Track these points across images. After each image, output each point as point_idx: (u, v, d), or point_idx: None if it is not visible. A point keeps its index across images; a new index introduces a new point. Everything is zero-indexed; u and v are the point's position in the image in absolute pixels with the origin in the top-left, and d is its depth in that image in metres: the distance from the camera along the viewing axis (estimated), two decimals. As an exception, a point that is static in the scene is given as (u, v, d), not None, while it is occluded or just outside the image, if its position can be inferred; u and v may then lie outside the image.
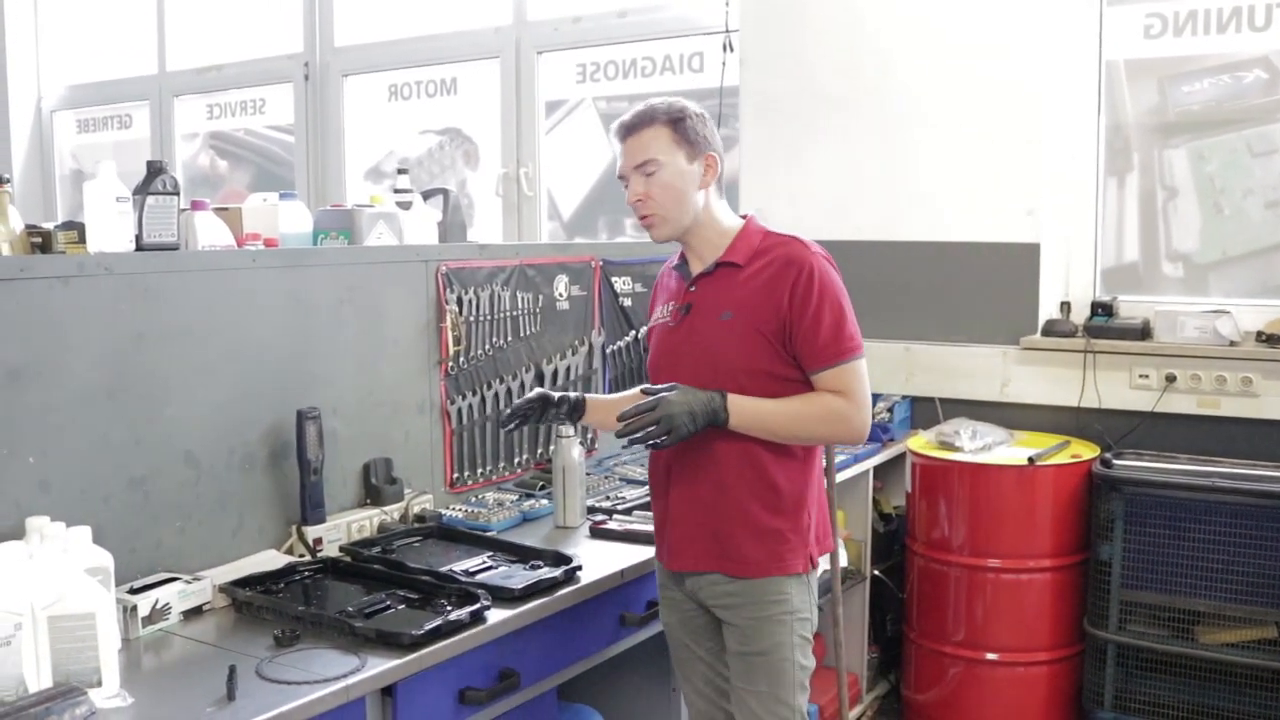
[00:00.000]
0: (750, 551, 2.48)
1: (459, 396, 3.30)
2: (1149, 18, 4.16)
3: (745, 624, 2.51)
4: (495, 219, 5.65)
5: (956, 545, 3.90)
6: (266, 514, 2.80)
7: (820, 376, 2.44)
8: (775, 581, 2.49)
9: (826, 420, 2.45)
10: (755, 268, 2.49)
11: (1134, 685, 3.74)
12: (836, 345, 2.43)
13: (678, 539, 2.57)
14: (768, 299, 2.44)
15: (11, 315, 2.29)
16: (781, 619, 2.49)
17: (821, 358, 2.43)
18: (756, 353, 2.44)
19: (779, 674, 2.50)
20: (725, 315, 2.47)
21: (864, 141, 4.47)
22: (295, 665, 2.16)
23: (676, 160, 2.48)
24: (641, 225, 2.57)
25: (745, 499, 2.48)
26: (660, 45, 5.28)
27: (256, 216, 3.11)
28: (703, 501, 2.51)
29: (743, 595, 2.50)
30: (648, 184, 2.49)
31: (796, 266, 2.44)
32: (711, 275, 2.53)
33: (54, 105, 7.46)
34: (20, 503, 2.28)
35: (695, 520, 2.53)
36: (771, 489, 2.48)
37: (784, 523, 2.50)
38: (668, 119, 2.49)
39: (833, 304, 2.44)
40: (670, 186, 2.48)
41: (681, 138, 2.49)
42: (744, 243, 2.53)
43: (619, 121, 2.54)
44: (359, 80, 6.23)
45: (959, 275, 4.35)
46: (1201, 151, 4.15)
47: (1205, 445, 3.90)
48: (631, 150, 2.50)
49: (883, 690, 4.43)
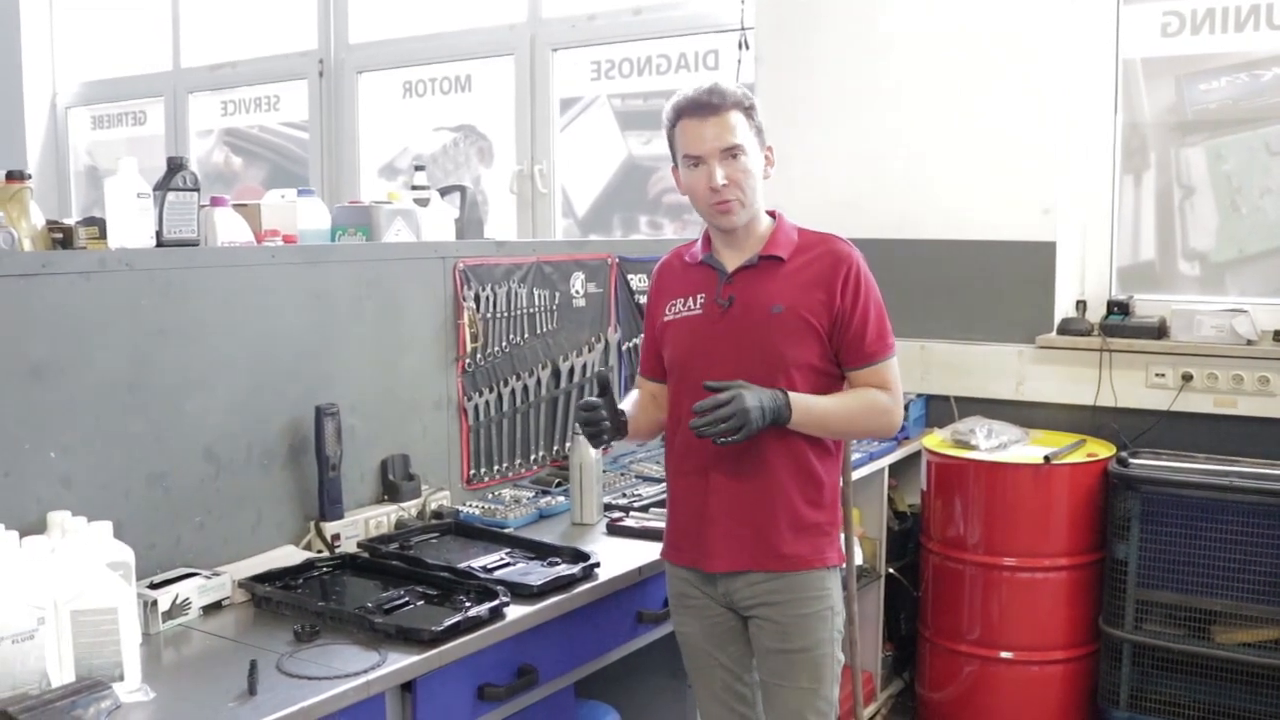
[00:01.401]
0: (793, 546, 2.48)
1: (476, 393, 3.31)
2: (1166, 16, 4.15)
3: (788, 620, 2.49)
4: (509, 216, 5.65)
5: (972, 544, 3.90)
6: (285, 510, 2.81)
7: (862, 373, 2.47)
8: (817, 576, 2.51)
9: (874, 414, 2.49)
10: (800, 262, 2.48)
11: (1150, 685, 3.73)
12: (881, 342, 2.48)
13: (717, 539, 2.51)
14: (819, 293, 2.44)
15: (33, 311, 2.30)
16: (823, 615, 2.51)
17: (866, 354, 2.47)
18: (806, 346, 2.44)
19: (820, 669, 2.51)
20: (777, 309, 2.45)
21: (880, 139, 4.46)
22: (315, 660, 2.17)
23: (754, 148, 2.46)
24: (715, 210, 2.46)
25: (791, 494, 2.48)
26: (675, 43, 5.28)
27: (275, 213, 3.11)
28: (747, 499, 2.49)
29: (785, 592, 2.49)
30: (733, 168, 2.42)
31: (845, 263, 2.46)
32: (755, 268, 2.50)
33: (69, 101, 7.47)
34: (42, 497, 2.30)
35: (738, 518, 2.50)
36: (814, 483, 2.50)
37: (823, 515, 2.52)
38: (743, 105, 2.45)
39: (876, 301, 2.49)
40: (752, 173, 2.45)
41: (755, 126, 2.47)
42: (784, 237, 2.52)
43: (691, 100, 2.44)
44: (373, 77, 6.23)
45: (975, 273, 4.34)
46: (1219, 150, 4.14)
47: (1222, 444, 3.88)
48: (717, 132, 2.41)
49: (897, 689, 4.43)
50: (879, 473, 4.09)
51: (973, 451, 3.91)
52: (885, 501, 4.19)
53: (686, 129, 2.45)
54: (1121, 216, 4.29)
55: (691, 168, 2.46)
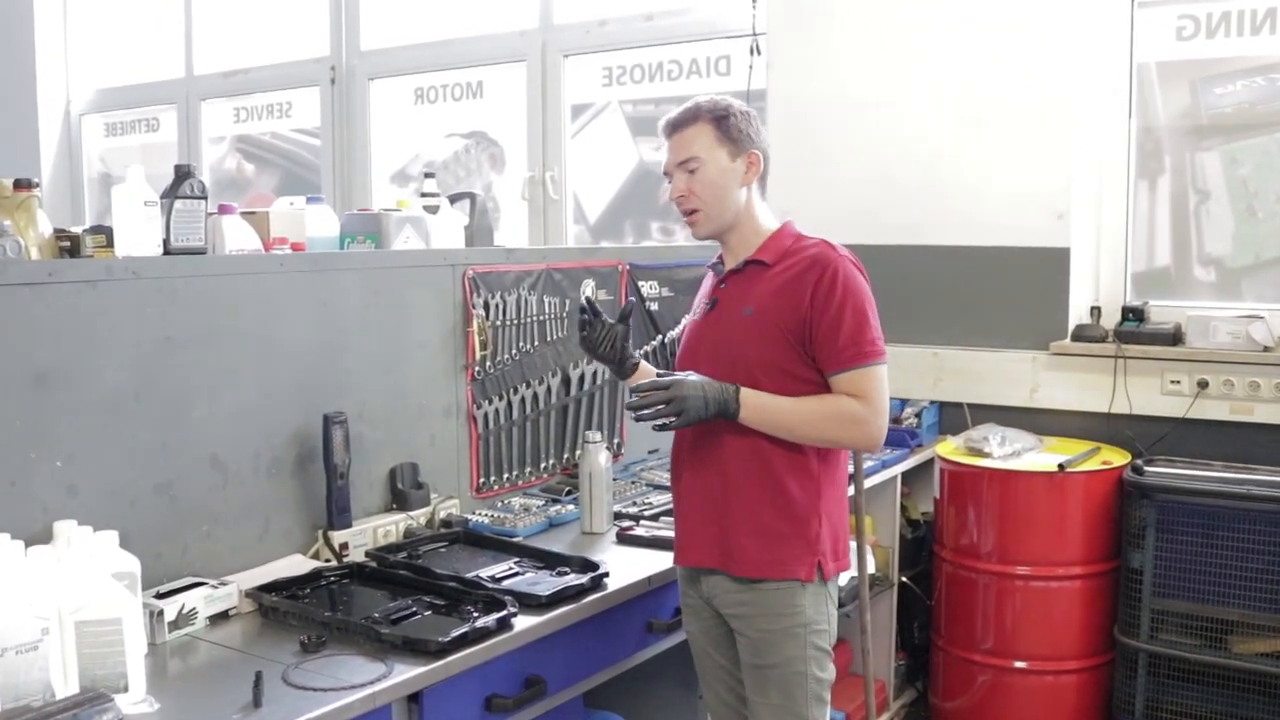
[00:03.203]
0: (750, 550, 2.46)
1: (485, 401, 3.29)
2: (1181, 19, 4.12)
3: (757, 636, 2.49)
4: (521, 223, 5.64)
5: (985, 552, 3.87)
6: (293, 519, 2.80)
7: (838, 379, 2.42)
8: (785, 591, 2.46)
9: (840, 422, 2.42)
10: (782, 267, 2.49)
11: (1165, 695, 3.69)
12: (856, 348, 2.41)
13: (685, 532, 2.60)
14: (789, 297, 2.44)
15: (40, 319, 2.29)
16: (794, 631, 2.46)
17: (840, 359, 2.41)
18: (773, 349, 2.44)
19: (791, 687, 2.48)
20: (746, 311, 2.48)
21: (892, 145, 4.43)
22: (321, 671, 2.15)
23: (718, 157, 2.50)
24: (684, 222, 2.58)
25: (751, 496, 2.47)
26: (686, 48, 5.26)
27: (284, 220, 3.11)
28: (709, 495, 2.52)
29: (753, 605, 2.48)
30: (690, 181, 2.51)
31: (820, 267, 2.44)
32: (741, 273, 2.55)
33: (82, 109, 7.50)
34: (48, 506, 2.29)
35: (702, 514, 2.54)
36: (779, 490, 2.46)
37: (788, 526, 2.46)
38: (712, 116, 2.51)
39: (855, 306, 2.42)
40: (711, 184, 2.50)
41: (724, 135, 2.50)
42: (776, 243, 2.54)
43: (665, 119, 2.57)
44: (385, 84, 6.23)
45: (988, 279, 4.31)
46: (1234, 154, 4.11)
47: (1238, 452, 3.85)
48: (676, 147, 2.53)
49: (910, 698, 4.40)
50: (892, 480, 4.06)
51: (986, 459, 3.89)
52: (898, 509, 4.16)
53: (665, 148, 2.58)
54: (1136, 222, 4.25)
55: (667, 183, 2.58)
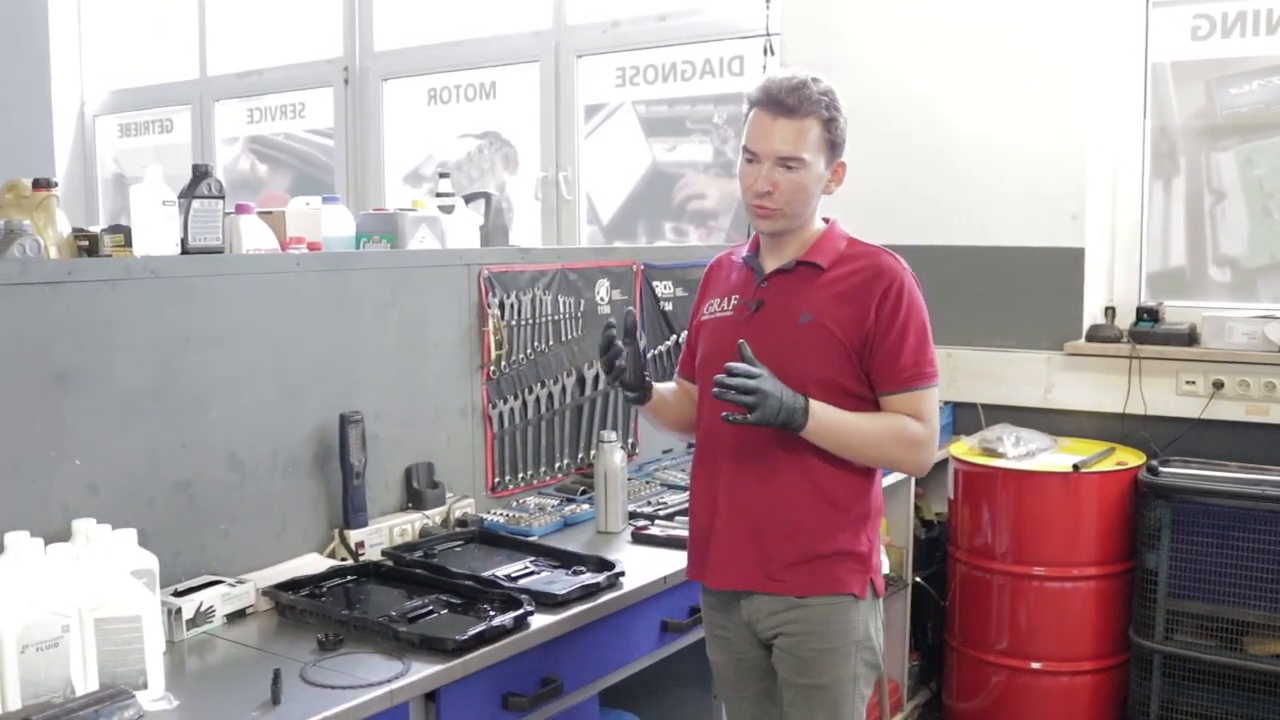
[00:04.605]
0: (801, 568, 2.34)
1: (500, 400, 3.30)
2: (1196, 19, 4.11)
3: (806, 654, 2.37)
4: (534, 223, 5.65)
5: (999, 553, 3.86)
6: (309, 517, 2.81)
7: (894, 399, 2.32)
8: (840, 609, 2.35)
9: (901, 444, 2.32)
10: (839, 273, 2.35)
11: (1180, 696, 3.68)
12: (917, 369, 2.31)
13: (721, 553, 2.42)
14: (852, 308, 2.31)
15: (59, 318, 2.30)
16: (846, 650, 2.36)
17: (900, 378, 2.31)
18: (831, 362, 2.30)
19: (838, 707, 2.38)
20: (804, 318, 2.33)
21: (906, 144, 4.43)
22: (339, 669, 2.16)
23: (818, 163, 2.34)
24: (754, 210, 2.36)
25: (801, 514, 2.34)
26: (700, 49, 5.25)
27: (300, 220, 3.12)
28: (752, 513, 2.37)
29: (803, 623, 2.36)
30: (783, 178, 2.31)
31: (887, 279, 2.32)
32: (790, 273, 2.39)
33: (97, 110, 7.52)
34: (67, 505, 2.30)
35: (743, 533, 2.38)
36: (830, 506, 2.35)
37: (839, 543, 2.35)
38: (825, 116, 2.32)
39: (918, 325, 2.32)
40: (803, 188, 2.33)
41: (830, 139, 2.34)
42: (828, 245, 2.40)
43: (769, 94, 2.31)
44: (398, 84, 6.24)
45: (1002, 280, 4.31)
46: (1250, 155, 4.09)
47: (1254, 453, 3.83)
48: (783, 135, 2.30)
49: (923, 699, 4.39)
50: (905, 481, 4.05)
51: (1000, 459, 3.88)
52: (912, 510, 4.15)
53: (757, 120, 2.34)
54: (1151, 222, 4.25)
55: (747, 161, 2.35)
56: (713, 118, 5.28)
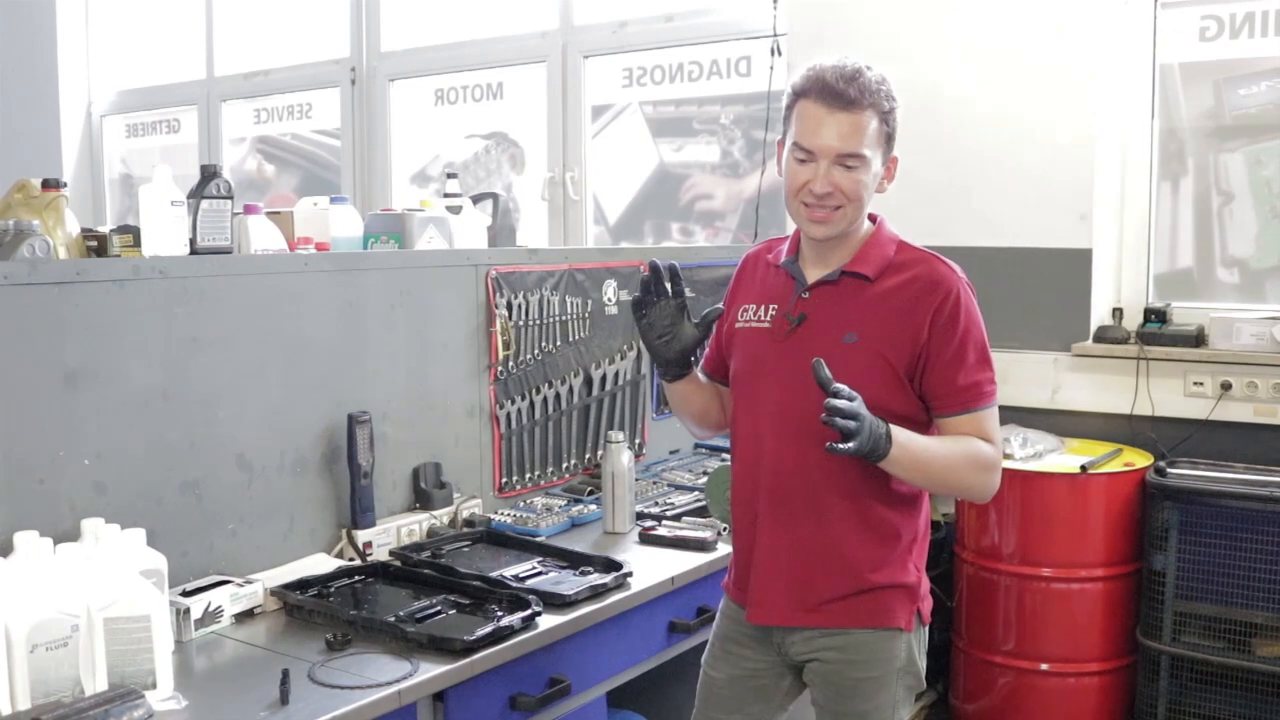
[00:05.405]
0: (850, 601, 2.19)
1: (508, 401, 3.30)
2: (1205, 20, 4.10)
3: (843, 683, 2.23)
4: (541, 223, 5.65)
5: (1007, 554, 3.86)
6: (317, 517, 2.81)
7: (953, 421, 2.14)
8: (885, 639, 2.21)
9: (975, 469, 2.13)
10: (889, 285, 2.17)
11: (1188, 698, 3.67)
12: (977, 388, 2.13)
13: (759, 585, 2.26)
14: (903, 325, 2.13)
15: (68, 318, 2.31)
16: (887, 679, 2.21)
17: (960, 399, 2.13)
18: (880, 387, 2.10)
19: None
20: (849, 338, 2.14)
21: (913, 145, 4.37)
22: (347, 669, 2.16)
23: (876, 159, 2.14)
24: (808, 214, 2.16)
25: (853, 545, 2.18)
26: (707, 49, 5.26)
27: (308, 220, 3.13)
28: (798, 543, 2.21)
29: (846, 652, 2.21)
30: (843, 177, 2.11)
31: (942, 292, 2.14)
32: (834, 284, 2.20)
33: (104, 110, 7.53)
34: (76, 505, 2.30)
35: (779, 568, 2.23)
36: (883, 536, 2.20)
37: (889, 574, 2.20)
38: (884, 109, 2.13)
39: (977, 340, 2.15)
40: (864, 187, 2.14)
41: (887, 132, 2.15)
42: (876, 251, 2.20)
43: (824, 83, 2.10)
44: (405, 85, 6.25)
45: (1010, 281, 4.29)
46: (1258, 156, 4.09)
47: (1262, 454, 3.82)
48: (843, 132, 2.10)
49: (930, 699, 4.39)
50: (912, 482, 4.05)
51: (1008, 460, 3.86)
52: (919, 511, 4.15)
53: (808, 113, 2.12)
54: (1159, 223, 4.24)
55: (798, 160, 2.14)
56: (720, 118, 5.28)
